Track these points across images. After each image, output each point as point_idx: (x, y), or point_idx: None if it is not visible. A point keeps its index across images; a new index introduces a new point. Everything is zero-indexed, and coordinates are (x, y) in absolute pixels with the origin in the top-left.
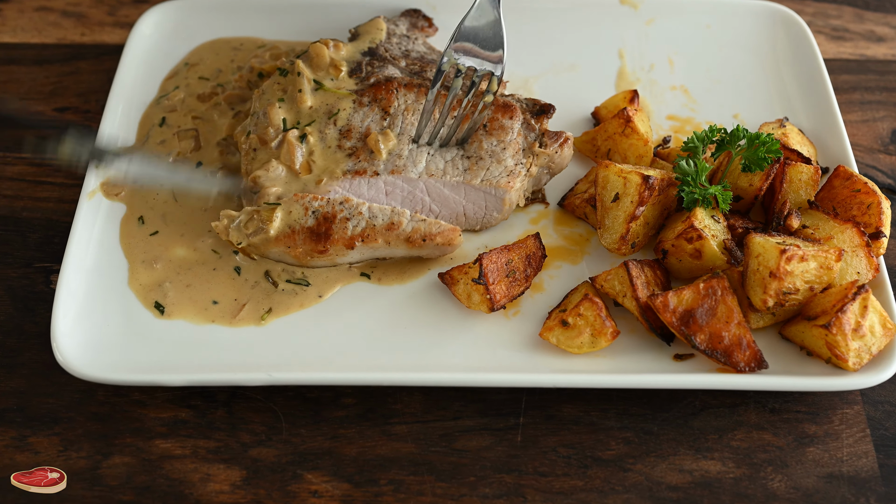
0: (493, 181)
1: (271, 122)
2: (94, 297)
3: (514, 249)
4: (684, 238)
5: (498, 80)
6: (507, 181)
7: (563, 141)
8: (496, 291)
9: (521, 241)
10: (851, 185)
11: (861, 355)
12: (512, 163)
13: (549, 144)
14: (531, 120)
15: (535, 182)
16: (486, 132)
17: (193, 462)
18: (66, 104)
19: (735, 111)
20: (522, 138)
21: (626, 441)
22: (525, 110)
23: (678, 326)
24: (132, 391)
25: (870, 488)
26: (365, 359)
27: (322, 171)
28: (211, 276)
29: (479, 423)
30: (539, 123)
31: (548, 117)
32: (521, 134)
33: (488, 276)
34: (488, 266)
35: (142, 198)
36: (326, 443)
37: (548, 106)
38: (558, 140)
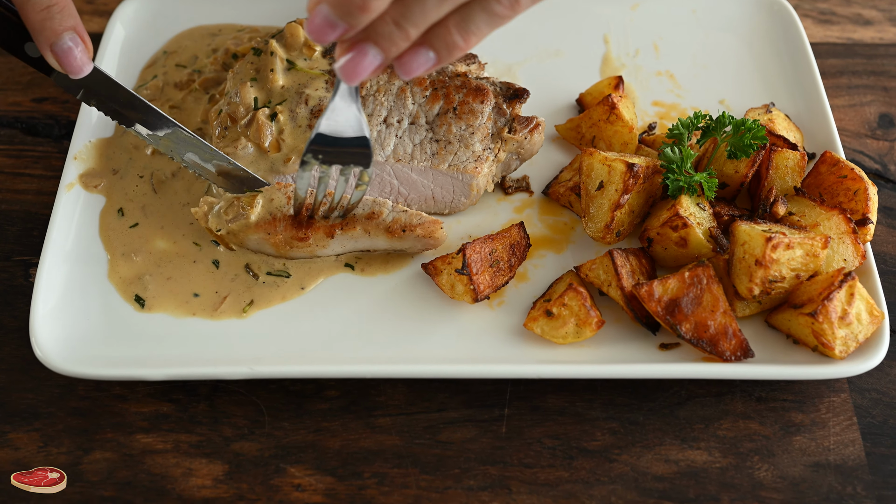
0: (461, 166)
1: (242, 101)
2: (73, 290)
3: (497, 239)
4: (669, 226)
5: (369, 173)
6: (474, 166)
7: (533, 127)
8: (480, 282)
9: (506, 231)
10: (838, 171)
11: (848, 343)
12: (480, 148)
13: (519, 130)
14: (503, 104)
15: (504, 168)
16: (456, 116)
17: (175, 457)
18: (44, 94)
19: (721, 96)
20: (492, 123)
21: (612, 431)
22: (498, 94)
23: (663, 316)
24: (113, 386)
25: (857, 476)
26: (348, 351)
27: (291, 149)
28: (191, 269)
29: (464, 414)
30: (511, 108)
31: (521, 102)
32: (490, 118)
33: (472, 266)
34: (472, 256)
35: (121, 190)
36: (309, 436)
37: (521, 90)
38: (528, 126)
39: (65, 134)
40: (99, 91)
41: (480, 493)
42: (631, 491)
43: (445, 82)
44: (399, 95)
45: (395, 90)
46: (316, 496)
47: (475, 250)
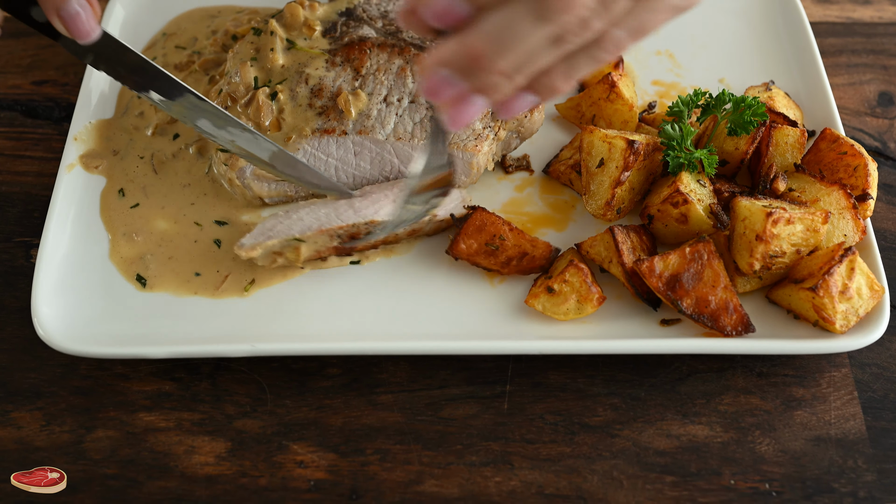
0: (461, 144)
1: (243, 81)
2: (74, 270)
3: (519, 236)
4: (670, 203)
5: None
6: (474, 144)
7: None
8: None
9: (534, 243)
10: (838, 147)
11: (848, 318)
12: (480, 126)
13: None
14: None
15: (504, 146)
16: None
17: (178, 434)
18: (44, 77)
19: (720, 75)
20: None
21: (614, 407)
22: None
23: (664, 291)
24: (115, 364)
25: (858, 450)
26: (350, 328)
27: (291, 128)
28: (193, 248)
29: (466, 391)
30: None
31: None
32: None
33: (467, 231)
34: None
35: (122, 170)
36: (312, 413)
37: None
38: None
39: (65, 116)
40: (109, 56)
41: (483, 469)
42: (633, 466)
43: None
44: (399, 74)
45: (395, 69)
46: (318, 473)
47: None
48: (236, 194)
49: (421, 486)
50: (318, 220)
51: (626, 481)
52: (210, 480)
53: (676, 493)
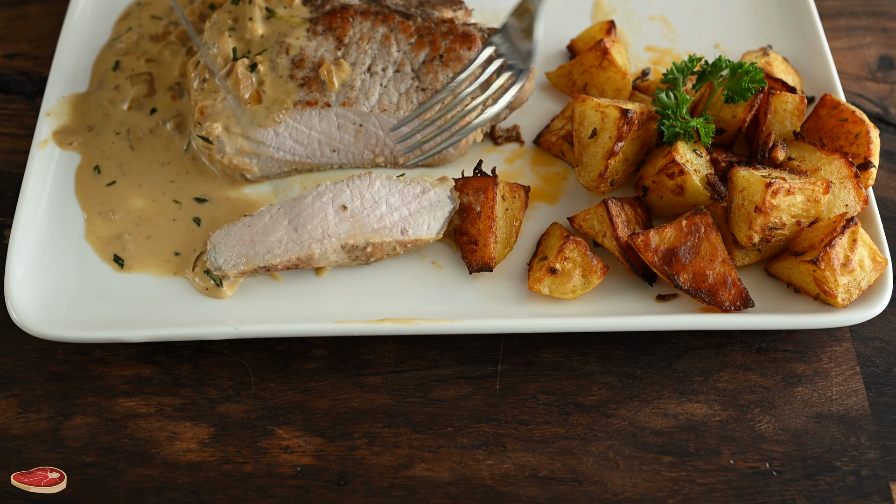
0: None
1: (221, 52)
2: (49, 251)
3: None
4: (665, 174)
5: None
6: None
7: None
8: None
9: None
10: (838, 114)
11: (850, 291)
12: None
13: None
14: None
15: (493, 117)
16: (443, 63)
17: (159, 420)
18: (15, 50)
19: (716, 40)
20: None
21: (609, 386)
22: (486, 40)
23: (660, 266)
24: (93, 349)
25: (860, 427)
26: (336, 308)
27: (272, 101)
28: (172, 227)
29: (456, 371)
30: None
31: None
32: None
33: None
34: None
35: (97, 147)
36: (297, 396)
37: None
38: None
39: (37, 91)
40: None
41: (474, 452)
42: (629, 446)
43: (431, 29)
44: (383, 43)
45: (378, 38)
46: (305, 458)
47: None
48: (217, 170)
49: (411, 471)
50: (299, 242)
51: (622, 462)
52: (193, 467)
53: (674, 473)
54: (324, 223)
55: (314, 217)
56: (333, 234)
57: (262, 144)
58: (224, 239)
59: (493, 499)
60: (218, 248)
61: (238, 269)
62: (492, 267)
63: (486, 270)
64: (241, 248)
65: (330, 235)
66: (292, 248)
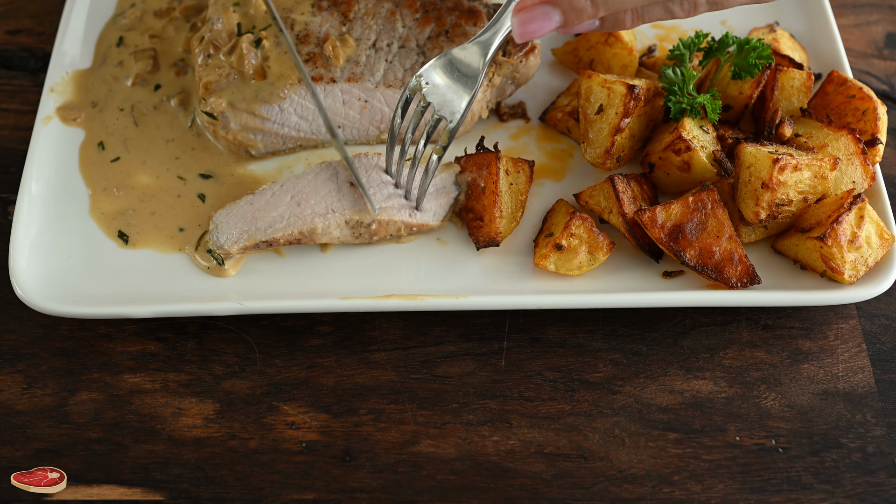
0: None
1: (225, 27)
2: (53, 227)
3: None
4: (672, 150)
5: (450, 134)
6: None
7: (528, 50)
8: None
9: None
10: (846, 90)
11: (857, 267)
12: None
13: (514, 53)
14: None
15: (498, 93)
16: (448, 39)
17: (164, 396)
18: (18, 26)
19: (723, 16)
20: None
21: (615, 363)
22: (491, 16)
23: (667, 242)
24: (98, 324)
25: (866, 404)
26: (341, 285)
27: (277, 77)
28: (176, 203)
29: (462, 348)
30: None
31: None
32: None
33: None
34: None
35: (101, 123)
36: (302, 373)
37: None
38: (524, 49)
39: (41, 67)
40: None
41: (480, 428)
42: (634, 423)
43: (437, 4)
44: (388, 19)
45: (384, 13)
46: (310, 434)
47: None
48: (221, 146)
49: (416, 447)
50: (301, 217)
51: (627, 439)
52: (198, 443)
53: (680, 450)
54: (328, 198)
55: (317, 192)
56: (338, 210)
57: (266, 120)
58: (226, 218)
59: (498, 475)
60: (220, 227)
61: (240, 245)
62: (498, 241)
63: (493, 245)
64: (243, 225)
65: (334, 210)
66: (294, 223)
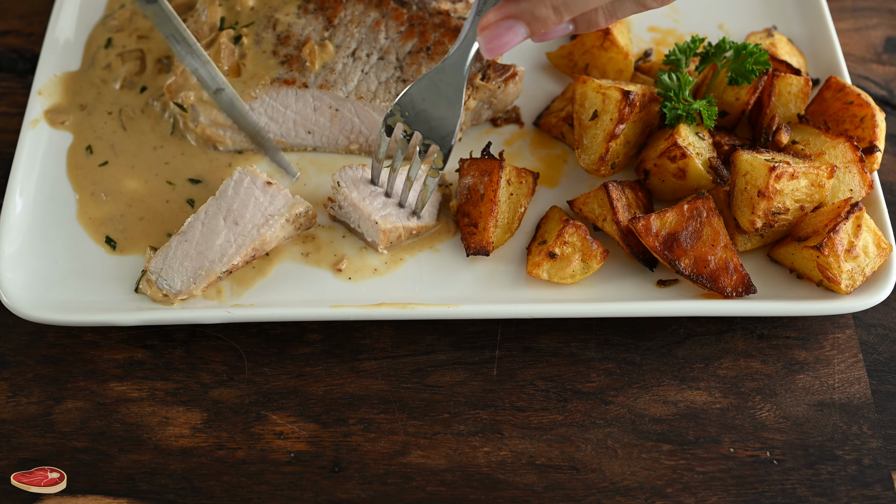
0: None
1: (209, 20)
2: (40, 232)
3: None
4: (667, 157)
5: (444, 157)
6: None
7: (509, 76)
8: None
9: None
10: (844, 96)
11: (854, 277)
12: None
13: (493, 78)
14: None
15: (473, 116)
16: (429, 56)
17: (151, 405)
18: (7, 27)
19: (720, 21)
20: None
21: (608, 372)
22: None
23: (661, 251)
24: (84, 332)
25: (862, 415)
26: (331, 293)
27: (251, 76)
28: (165, 209)
29: (453, 357)
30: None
31: None
32: None
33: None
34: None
35: (89, 126)
36: (291, 381)
37: None
38: (504, 74)
39: (29, 69)
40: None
41: (471, 439)
42: (628, 434)
43: (424, 19)
44: (373, 28)
45: (369, 22)
46: (299, 444)
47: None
48: (192, 140)
49: (406, 458)
50: (246, 234)
51: (620, 450)
52: (185, 453)
53: (673, 461)
54: (259, 206)
55: (247, 205)
56: (275, 213)
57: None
58: (165, 263)
59: (489, 486)
60: (164, 273)
61: (202, 284)
62: (489, 251)
63: (483, 254)
64: (190, 264)
65: (272, 215)
66: (244, 242)
